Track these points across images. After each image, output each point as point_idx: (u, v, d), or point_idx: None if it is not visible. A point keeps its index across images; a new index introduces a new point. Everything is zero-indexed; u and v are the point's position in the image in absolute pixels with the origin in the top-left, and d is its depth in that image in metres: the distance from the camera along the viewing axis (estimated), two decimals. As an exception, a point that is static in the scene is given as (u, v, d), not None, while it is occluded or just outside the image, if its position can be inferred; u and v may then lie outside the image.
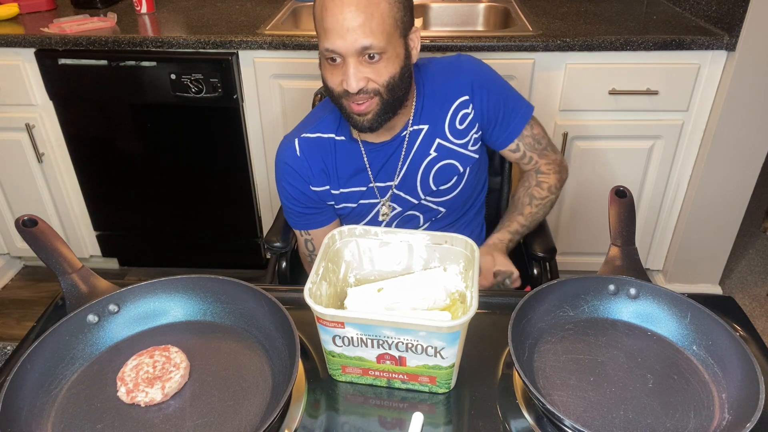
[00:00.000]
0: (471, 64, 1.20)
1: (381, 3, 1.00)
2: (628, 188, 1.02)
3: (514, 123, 1.23)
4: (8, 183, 2.13)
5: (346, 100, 1.06)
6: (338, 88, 1.05)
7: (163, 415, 0.76)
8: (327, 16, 1.00)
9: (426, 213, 1.28)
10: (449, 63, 1.21)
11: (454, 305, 0.88)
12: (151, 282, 0.90)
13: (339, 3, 0.99)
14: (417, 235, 0.91)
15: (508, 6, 2.09)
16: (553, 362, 0.83)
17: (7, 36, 1.83)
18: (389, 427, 0.79)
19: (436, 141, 1.19)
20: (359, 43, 1.00)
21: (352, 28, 0.99)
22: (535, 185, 1.29)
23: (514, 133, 1.23)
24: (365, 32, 0.99)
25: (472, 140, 1.22)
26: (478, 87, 1.18)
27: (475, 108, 1.19)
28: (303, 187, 1.22)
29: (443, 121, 1.19)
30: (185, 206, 2.14)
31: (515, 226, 1.28)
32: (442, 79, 1.19)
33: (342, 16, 0.99)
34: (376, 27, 0.99)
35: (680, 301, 0.86)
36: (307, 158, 1.20)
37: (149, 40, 1.80)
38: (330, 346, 0.81)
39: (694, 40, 1.71)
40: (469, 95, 1.18)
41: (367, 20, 0.99)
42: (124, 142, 2.02)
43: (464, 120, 1.19)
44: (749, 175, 1.91)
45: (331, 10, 0.99)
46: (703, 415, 0.75)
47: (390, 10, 1.01)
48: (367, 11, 0.98)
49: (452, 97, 1.18)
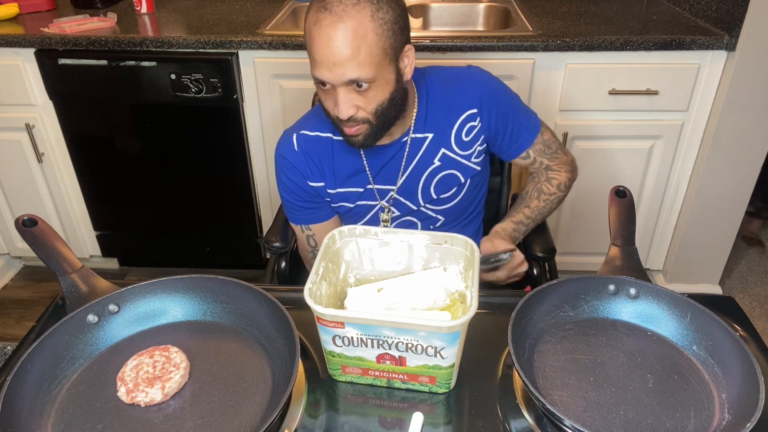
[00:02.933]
0: (481, 77, 1.20)
1: (368, 35, 0.97)
2: (628, 188, 1.02)
3: (523, 137, 1.24)
4: (8, 183, 2.13)
5: (337, 121, 1.08)
6: (332, 112, 1.07)
7: (163, 415, 0.76)
8: (314, 48, 0.99)
9: (424, 220, 1.28)
10: (459, 74, 1.20)
11: (454, 305, 0.88)
12: (151, 282, 0.90)
13: (325, 37, 0.97)
14: (417, 235, 0.91)
15: (508, 6, 2.09)
16: (553, 362, 0.83)
17: (7, 36, 1.83)
18: (389, 427, 0.79)
19: (441, 151, 1.19)
20: (346, 77, 0.99)
21: (339, 62, 0.98)
22: (544, 180, 1.30)
23: (524, 145, 1.24)
24: (353, 66, 0.98)
25: (476, 152, 1.22)
26: (487, 101, 1.18)
27: (482, 122, 1.19)
28: (301, 182, 1.22)
29: (450, 132, 1.19)
30: (185, 206, 2.14)
31: (520, 216, 1.29)
32: (451, 89, 1.18)
33: (329, 50, 0.97)
34: (363, 60, 0.98)
35: (680, 301, 0.86)
36: (305, 154, 1.20)
37: (149, 40, 1.80)
38: (330, 346, 0.81)
39: (694, 40, 1.71)
40: (478, 108, 1.18)
41: (354, 54, 0.97)
42: (124, 142, 2.02)
43: (470, 132, 1.19)
44: (749, 175, 1.91)
45: (318, 43, 0.98)
46: (703, 415, 0.75)
47: (378, 41, 0.98)
48: (354, 45, 0.97)
49: (460, 108, 1.18)
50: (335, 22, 0.96)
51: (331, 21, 0.96)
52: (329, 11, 0.96)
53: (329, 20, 0.96)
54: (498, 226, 1.28)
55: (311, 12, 1.00)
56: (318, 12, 0.98)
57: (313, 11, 0.99)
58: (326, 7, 0.97)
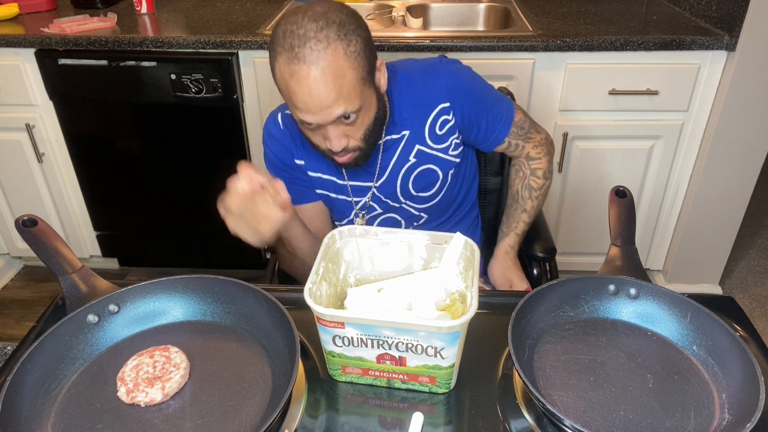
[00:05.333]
0: (451, 69, 1.17)
1: (347, 73, 0.96)
2: (628, 188, 1.02)
3: (499, 127, 1.23)
4: (8, 183, 2.13)
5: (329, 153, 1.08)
6: (322, 146, 1.07)
7: (163, 415, 0.76)
8: (296, 99, 0.97)
9: (407, 218, 1.27)
10: (427, 67, 1.18)
11: (454, 305, 0.88)
12: (151, 282, 0.90)
13: (306, 87, 0.95)
14: (417, 235, 0.91)
15: (508, 6, 2.09)
16: (553, 362, 0.83)
17: (7, 36, 1.83)
18: (389, 427, 0.79)
19: (416, 147, 1.18)
20: (334, 115, 0.98)
21: (326, 105, 0.97)
22: (530, 174, 1.29)
23: (501, 135, 1.24)
24: (339, 104, 0.97)
25: (453, 145, 1.20)
26: (459, 94, 1.16)
27: (455, 115, 1.17)
28: (286, 158, 1.20)
29: (423, 128, 1.17)
30: (185, 206, 2.14)
31: (522, 226, 1.29)
32: (421, 84, 1.16)
33: (312, 99, 0.96)
34: (347, 95, 0.97)
35: (680, 301, 0.86)
36: (289, 131, 1.19)
37: (149, 40, 1.80)
38: (330, 346, 0.81)
39: (694, 40, 1.71)
40: (450, 102, 1.16)
41: (338, 94, 0.96)
42: (124, 142, 2.02)
43: (444, 126, 1.18)
44: (749, 175, 1.91)
45: (299, 94, 0.96)
46: (703, 415, 0.75)
47: (356, 74, 0.97)
48: (337, 86, 0.95)
49: (432, 103, 1.16)
50: (312, 71, 0.94)
51: (308, 71, 0.94)
52: (303, 61, 0.94)
53: (305, 70, 0.94)
54: (506, 245, 1.27)
55: (281, 62, 0.96)
56: (291, 64, 0.94)
57: (283, 62, 0.95)
58: (298, 57, 0.94)
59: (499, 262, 1.27)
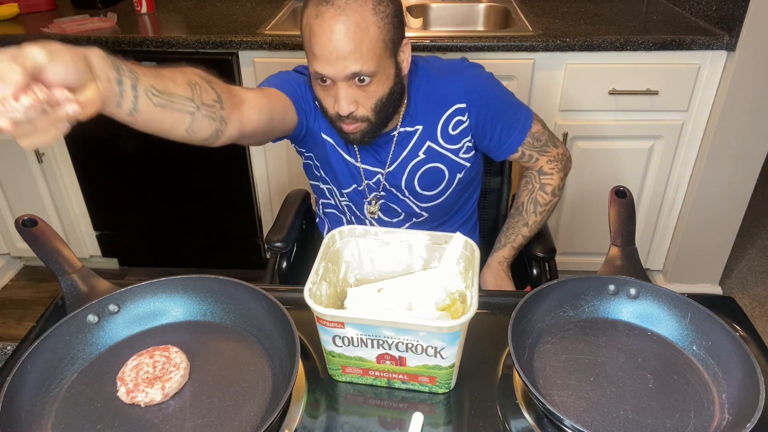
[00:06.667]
0: (471, 71, 1.17)
1: (370, 28, 0.97)
2: (628, 188, 1.02)
3: (514, 135, 1.20)
4: (8, 183, 2.13)
5: (336, 119, 1.07)
6: (331, 111, 1.06)
7: (163, 415, 0.76)
8: (315, 42, 0.98)
9: (408, 213, 1.27)
10: (449, 66, 1.18)
11: (454, 305, 0.88)
12: (151, 282, 0.90)
13: (328, 30, 0.96)
14: (417, 235, 0.91)
15: (508, 6, 2.09)
16: (553, 362, 0.83)
17: (7, 36, 1.83)
18: (389, 427, 0.79)
19: (427, 143, 1.18)
20: (349, 70, 0.98)
21: (342, 56, 0.97)
22: (539, 189, 1.27)
23: (515, 144, 1.21)
24: (355, 59, 0.97)
25: (465, 147, 1.20)
26: (477, 97, 1.15)
27: (470, 118, 1.16)
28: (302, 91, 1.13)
29: (436, 125, 1.17)
30: (185, 206, 2.14)
31: (520, 240, 1.27)
32: (440, 81, 1.16)
33: (331, 44, 0.96)
34: (366, 53, 0.98)
35: (680, 301, 0.86)
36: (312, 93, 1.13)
37: (149, 40, 1.80)
38: (330, 346, 0.81)
39: (694, 40, 1.71)
40: (467, 103, 1.15)
41: (356, 47, 0.97)
42: (124, 142, 2.02)
43: (458, 126, 1.17)
44: (749, 175, 1.91)
45: (320, 36, 0.97)
46: (703, 415, 0.75)
47: (380, 34, 0.98)
48: (357, 38, 0.96)
49: (449, 102, 1.16)
50: (337, 15, 0.95)
51: (334, 14, 0.95)
52: (331, 4, 0.96)
53: (331, 13, 0.96)
54: (500, 255, 1.26)
55: (310, 5, 0.99)
56: (319, 5, 0.97)
57: (312, 5, 0.98)
58: (327, 0, 0.96)
59: (492, 272, 1.26)
